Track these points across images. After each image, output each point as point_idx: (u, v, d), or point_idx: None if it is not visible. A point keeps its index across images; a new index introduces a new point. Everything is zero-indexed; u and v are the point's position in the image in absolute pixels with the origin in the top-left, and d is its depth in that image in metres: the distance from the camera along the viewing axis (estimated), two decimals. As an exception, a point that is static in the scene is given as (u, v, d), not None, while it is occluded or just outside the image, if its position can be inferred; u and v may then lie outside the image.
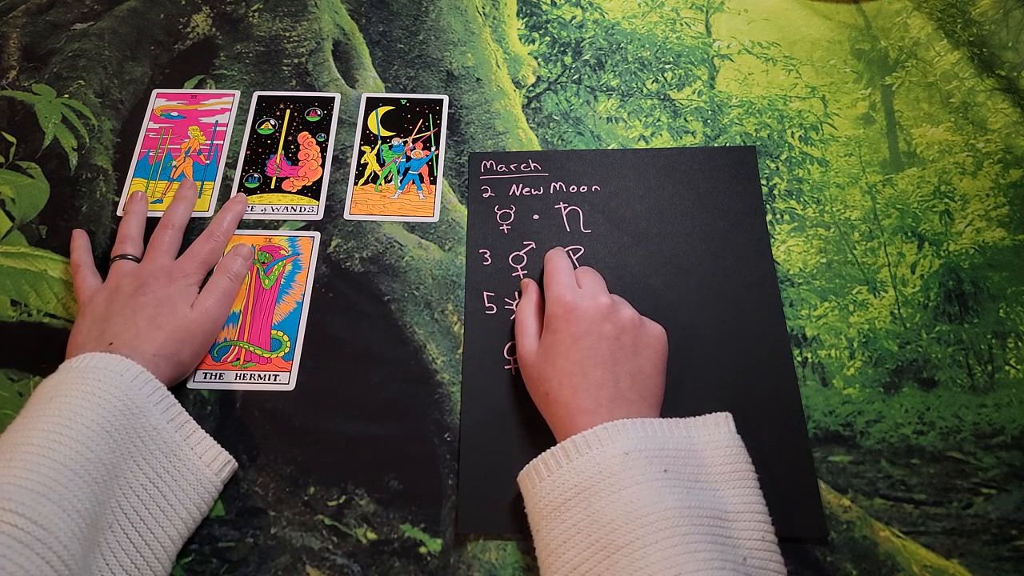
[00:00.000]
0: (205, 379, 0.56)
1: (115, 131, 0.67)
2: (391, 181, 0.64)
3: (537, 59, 0.71)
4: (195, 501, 0.48)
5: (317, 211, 0.63)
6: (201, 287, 0.57)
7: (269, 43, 0.72)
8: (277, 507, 0.52)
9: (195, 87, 0.69)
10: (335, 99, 0.69)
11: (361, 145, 0.66)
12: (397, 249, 0.61)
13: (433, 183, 0.64)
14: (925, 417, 0.54)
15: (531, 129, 0.67)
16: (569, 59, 0.71)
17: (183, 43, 0.72)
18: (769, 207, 0.62)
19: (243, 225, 0.62)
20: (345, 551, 0.50)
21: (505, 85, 0.69)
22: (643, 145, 0.66)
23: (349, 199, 0.64)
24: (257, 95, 0.69)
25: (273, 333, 0.58)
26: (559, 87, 0.69)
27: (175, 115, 0.68)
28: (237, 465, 0.52)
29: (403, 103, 0.68)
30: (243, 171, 0.65)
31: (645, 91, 0.69)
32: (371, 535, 0.51)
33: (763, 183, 0.63)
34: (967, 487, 0.51)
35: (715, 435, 0.48)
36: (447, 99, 0.69)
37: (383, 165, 0.65)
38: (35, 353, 0.57)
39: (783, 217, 0.62)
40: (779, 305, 0.58)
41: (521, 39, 0.72)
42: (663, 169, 0.64)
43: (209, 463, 0.50)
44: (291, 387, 0.56)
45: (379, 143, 0.66)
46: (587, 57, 0.71)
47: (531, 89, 0.69)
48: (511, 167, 0.64)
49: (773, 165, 0.64)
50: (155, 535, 0.46)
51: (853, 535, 0.50)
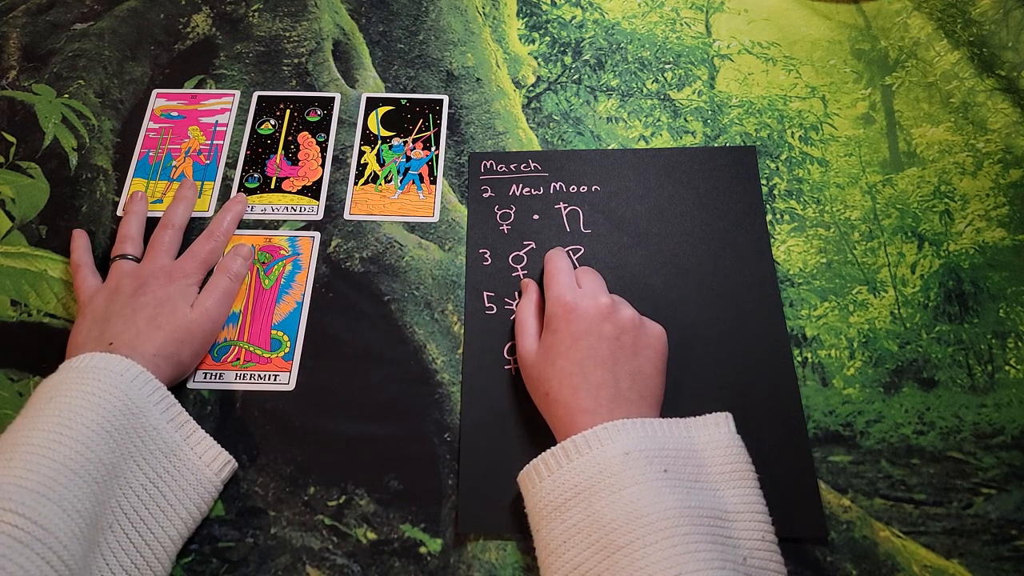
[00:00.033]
0: (205, 379, 0.56)
1: (115, 131, 0.67)
2: (391, 181, 0.64)
3: (537, 59, 0.71)
4: (195, 501, 0.48)
5: (317, 211, 0.63)
6: (201, 287, 0.57)
7: (269, 43, 0.72)
8: (277, 507, 0.52)
9: (195, 87, 0.69)
10: (335, 99, 0.69)
11: (361, 145, 0.66)
12: (397, 249, 0.61)
13: (433, 183, 0.64)
14: (925, 417, 0.54)
15: (531, 129, 0.67)
16: (569, 59, 0.71)
17: (183, 43, 0.72)
18: (769, 207, 0.62)
19: (243, 225, 0.62)
20: (345, 551, 0.50)
21: (505, 85, 0.69)
22: (643, 145, 0.66)
23: (349, 199, 0.64)
24: (257, 95, 0.69)
25: (273, 333, 0.58)
26: (559, 87, 0.69)
27: (175, 115, 0.68)
28: (237, 465, 0.52)
29: (403, 103, 0.68)
30: (243, 171, 0.65)
31: (645, 91, 0.69)
32: (371, 535, 0.51)
33: (763, 183, 0.63)
34: (967, 487, 0.51)
35: (715, 435, 0.48)
36: (447, 99, 0.69)
37: (383, 165, 0.65)
38: (35, 353, 0.57)
39: (783, 217, 0.62)
40: (779, 305, 0.58)
41: (521, 39, 0.72)
42: (663, 169, 0.64)
43: (209, 463, 0.50)
44: (291, 387, 0.56)
45: (379, 143, 0.66)
46: (587, 57, 0.71)
47: (531, 89, 0.69)
48: (511, 167, 0.64)
49: (773, 165, 0.64)
50: (155, 535, 0.46)
51: (853, 535, 0.50)
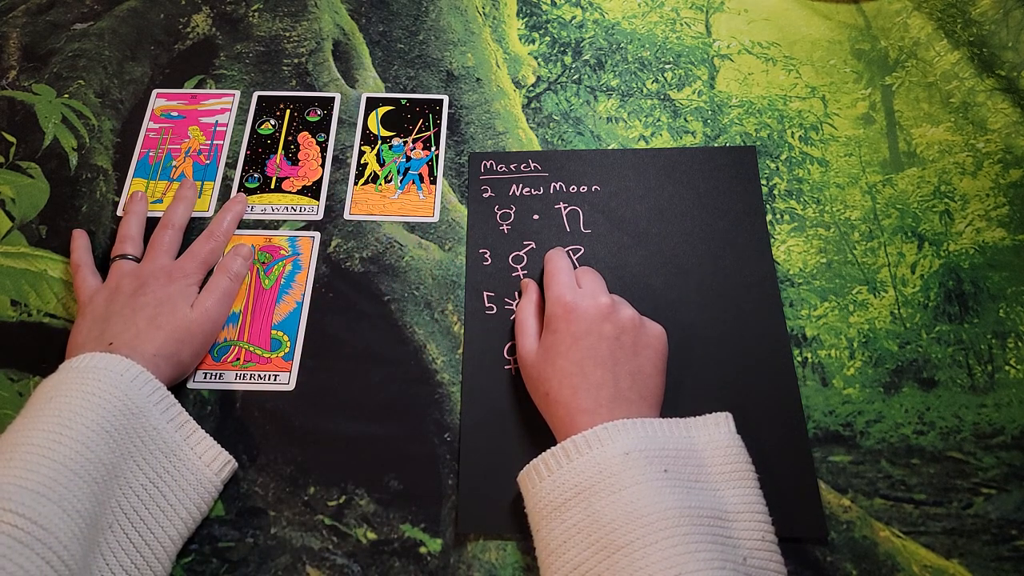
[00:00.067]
0: (205, 379, 0.56)
1: (115, 131, 0.67)
2: (391, 181, 0.64)
3: (537, 59, 0.71)
4: (195, 501, 0.48)
5: (317, 211, 0.63)
6: (201, 287, 0.57)
7: (269, 43, 0.72)
8: (277, 507, 0.52)
9: (195, 87, 0.69)
10: (335, 99, 0.69)
11: (361, 145, 0.66)
12: (397, 249, 0.61)
13: (433, 183, 0.64)
14: (925, 417, 0.54)
15: (531, 129, 0.67)
16: (569, 59, 0.71)
17: (183, 43, 0.72)
18: (769, 207, 0.62)
19: (243, 225, 0.62)
20: (345, 551, 0.50)
21: (505, 85, 0.69)
22: (643, 145, 0.66)
23: (349, 199, 0.64)
24: (257, 95, 0.69)
25: (273, 333, 0.58)
26: (559, 87, 0.69)
27: (175, 115, 0.68)
28: (237, 465, 0.52)
29: (403, 103, 0.68)
30: (243, 171, 0.65)
31: (645, 91, 0.69)
32: (371, 535, 0.51)
33: (763, 183, 0.63)
34: (967, 487, 0.51)
35: (715, 435, 0.48)
36: (447, 99, 0.68)
37: (383, 165, 0.65)
38: (35, 353, 0.57)
39: (783, 217, 0.62)
40: (779, 305, 0.58)
41: (521, 39, 0.72)
42: (663, 169, 0.64)
43: (209, 463, 0.50)
44: (291, 387, 0.56)
45: (379, 143, 0.66)
46: (587, 57, 0.71)
47: (531, 89, 0.69)
48: (511, 167, 0.64)
49: (773, 165, 0.64)
50: (155, 535, 0.46)
51: (853, 535, 0.50)
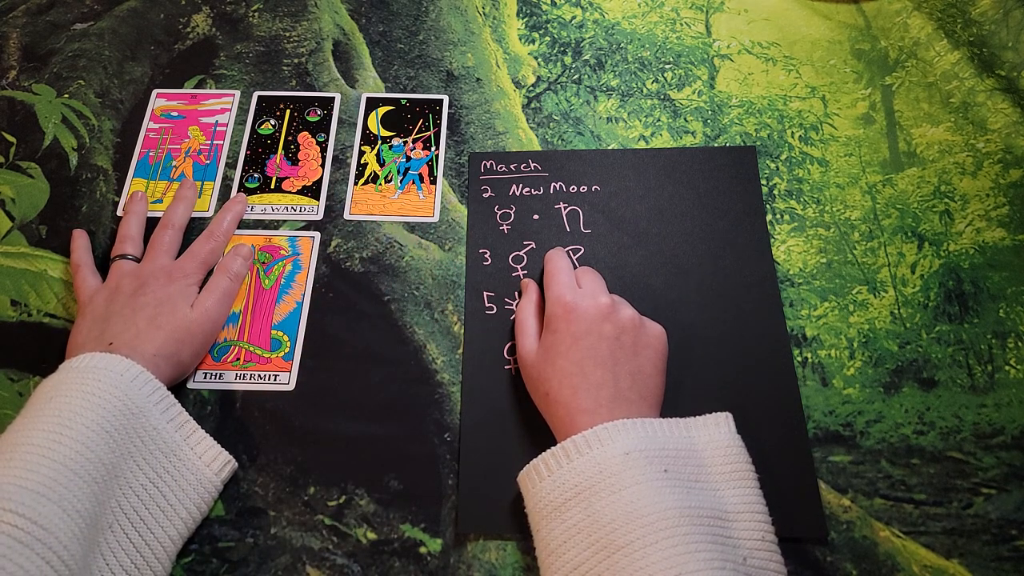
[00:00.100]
0: (205, 379, 0.56)
1: (115, 131, 0.67)
2: (391, 181, 0.64)
3: (537, 59, 0.71)
4: (195, 501, 0.48)
5: (317, 211, 0.63)
6: (201, 287, 0.57)
7: (269, 43, 0.72)
8: (277, 507, 0.52)
9: (195, 87, 0.69)
10: (335, 99, 0.69)
11: (361, 145, 0.66)
12: (397, 249, 0.61)
13: (433, 183, 0.64)
14: (925, 417, 0.54)
15: (531, 129, 0.67)
16: (569, 59, 0.71)
17: (183, 43, 0.72)
18: (769, 207, 0.62)
19: (243, 225, 0.62)
20: (345, 551, 0.50)
21: (505, 85, 0.69)
22: (643, 145, 0.66)
23: (349, 199, 0.64)
24: (257, 95, 0.69)
25: (273, 333, 0.58)
26: (559, 87, 0.69)
27: (175, 115, 0.68)
28: (237, 465, 0.52)
29: (403, 103, 0.68)
30: (243, 171, 0.65)
31: (645, 91, 0.69)
32: (371, 535, 0.51)
33: (763, 183, 0.63)
34: (967, 487, 0.51)
35: (715, 435, 0.48)
36: (447, 99, 0.68)
37: (383, 165, 0.65)
38: (35, 353, 0.57)
39: (783, 217, 0.62)
40: (779, 305, 0.58)
41: (521, 39, 0.72)
42: (663, 169, 0.64)
43: (209, 463, 0.50)
44: (291, 387, 0.56)
45: (379, 143, 0.66)
46: (587, 57, 0.71)
47: (531, 89, 0.69)
48: (511, 167, 0.64)
49: (773, 165, 0.64)
50: (155, 535, 0.46)
51: (853, 535, 0.50)
